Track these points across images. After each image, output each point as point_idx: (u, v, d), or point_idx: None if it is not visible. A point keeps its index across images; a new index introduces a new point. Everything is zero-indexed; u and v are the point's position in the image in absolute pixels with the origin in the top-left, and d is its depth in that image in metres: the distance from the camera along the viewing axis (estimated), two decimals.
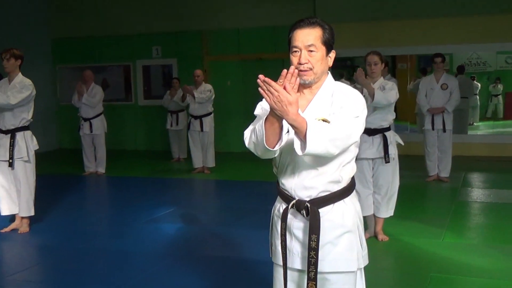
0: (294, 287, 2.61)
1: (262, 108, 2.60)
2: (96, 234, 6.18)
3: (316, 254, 2.47)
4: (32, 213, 6.18)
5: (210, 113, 9.69)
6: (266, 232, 2.81)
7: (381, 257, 5.24)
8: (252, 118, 2.59)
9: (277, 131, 2.35)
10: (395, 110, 12.10)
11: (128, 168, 10.77)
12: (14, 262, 5.43)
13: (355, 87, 5.35)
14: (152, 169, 10.46)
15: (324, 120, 2.42)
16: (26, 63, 12.13)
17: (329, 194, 2.51)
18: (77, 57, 13.69)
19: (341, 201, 2.54)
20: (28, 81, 6.14)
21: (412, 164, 9.68)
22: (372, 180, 5.50)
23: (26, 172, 6.08)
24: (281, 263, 2.59)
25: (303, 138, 2.27)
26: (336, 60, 2.95)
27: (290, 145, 2.42)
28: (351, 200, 2.59)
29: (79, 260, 5.25)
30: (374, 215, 5.59)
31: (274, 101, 2.23)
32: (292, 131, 2.36)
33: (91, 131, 9.71)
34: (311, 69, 2.48)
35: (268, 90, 2.23)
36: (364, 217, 5.58)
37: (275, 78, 2.35)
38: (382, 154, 5.38)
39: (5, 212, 6.13)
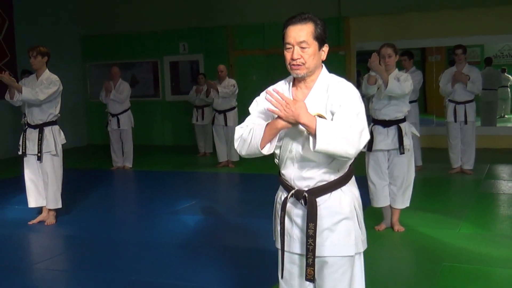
0: (297, 270, 2.70)
1: (258, 105, 2.72)
2: (119, 225, 6.38)
3: (314, 242, 2.56)
4: (60, 206, 6.38)
5: (234, 108, 9.84)
6: None
7: (396, 247, 5.31)
8: None
9: (272, 136, 2.53)
10: (424, 103, 12.02)
11: (155, 162, 10.98)
12: (40, 252, 5.66)
13: (369, 75, 5.41)
14: (178, 164, 10.65)
15: (319, 115, 2.51)
16: (57, 61, 12.53)
17: (326, 184, 2.60)
18: (106, 54, 13.98)
19: (339, 189, 2.62)
20: (55, 77, 6.31)
21: (437, 157, 9.69)
22: (388, 171, 5.54)
23: (53, 165, 6.27)
24: (280, 247, 2.70)
25: (313, 135, 2.40)
26: (363, 53, 3.05)
27: (289, 140, 2.58)
28: (349, 188, 2.66)
29: (102, 250, 5.44)
30: (390, 206, 5.64)
31: (284, 108, 2.41)
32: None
33: (119, 126, 9.94)
34: (303, 64, 2.57)
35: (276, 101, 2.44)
36: (381, 208, 5.68)
37: None
38: (397, 145, 5.39)
39: (32, 205, 6.35)
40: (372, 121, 5.56)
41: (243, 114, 2.81)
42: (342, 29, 12.01)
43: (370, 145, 5.49)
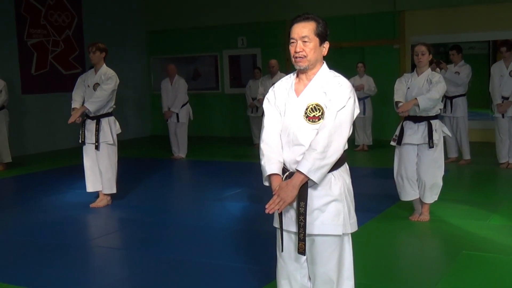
0: (293, 247, 3.04)
1: (269, 102, 3.09)
2: (168, 210, 6.90)
3: (304, 218, 2.90)
4: (114, 191, 6.94)
5: None
6: None
7: (420, 235, 5.54)
8: None
9: None
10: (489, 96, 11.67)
11: (211, 153, 11.51)
12: (94, 231, 6.26)
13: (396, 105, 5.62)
14: (232, 154, 11.13)
15: (317, 105, 2.89)
16: (123, 55, 13.31)
17: None
18: (169, 48, 14.60)
19: (330, 174, 2.92)
20: (111, 72, 6.82)
21: (489, 151, 9.67)
22: (416, 166, 5.70)
23: (108, 153, 6.82)
24: (278, 226, 3.05)
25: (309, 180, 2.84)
26: None
27: (288, 124, 2.95)
28: (340, 173, 2.97)
29: (149, 231, 5.94)
30: (420, 199, 5.83)
31: (277, 205, 2.85)
32: (288, 113, 2.97)
33: (178, 120, 10.49)
34: (305, 56, 2.93)
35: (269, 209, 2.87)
36: (410, 201, 5.90)
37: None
38: (427, 139, 5.55)
39: (90, 189, 6.94)
40: (404, 117, 5.75)
41: None
42: (397, 23, 12.11)
43: (399, 139, 5.70)
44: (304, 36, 2.92)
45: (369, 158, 10.30)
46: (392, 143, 5.80)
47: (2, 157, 9.75)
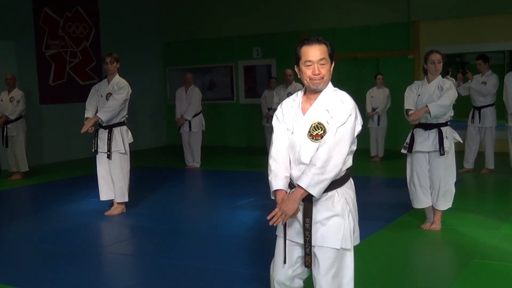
0: (295, 254, 3.14)
1: (277, 119, 3.17)
2: (179, 218, 6.97)
3: (310, 234, 3.00)
4: (126, 199, 7.02)
5: None
6: None
7: (431, 244, 5.54)
8: None
9: None
10: None
11: (225, 162, 11.58)
12: (107, 238, 6.34)
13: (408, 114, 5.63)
14: (246, 164, 11.18)
15: (319, 123, 2.98)
16: (139, 66, 13.44)
17: None
18: (185, 59, 14.75)
19: (334, 190, 3.01)
20: (124, 82, 6.91)
21: (504, 161, 9.59)
22: (428, 173, 5.69)
23: (121, 163, 6.90)
24: (282, 235, 3.14)
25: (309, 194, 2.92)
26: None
27: (294, 142, 3.02)
28: (344, 190, 3.05)
29: (161, 238, 6.01)
30: (433, 207, 5.82)
31: (280, 218, 2.97)
32: (295, 132, 3.04)
33: (190, 129, 10.59)
34: (322, 78, 3.00)
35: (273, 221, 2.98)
36: (423, 211, 5.89)
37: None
38: (437, 147, 5.55)
39: (103, 198, 7.03)
40: (414, 124, 5.76)
41: None
42: (412, 33, 12.12)
43: (410, 147, 5.71)
44: (321, 59, 2.98)
45: (383, 168, 10.31)
46: (403, 151, 5.81)
47: (19, 166, 9.89)
